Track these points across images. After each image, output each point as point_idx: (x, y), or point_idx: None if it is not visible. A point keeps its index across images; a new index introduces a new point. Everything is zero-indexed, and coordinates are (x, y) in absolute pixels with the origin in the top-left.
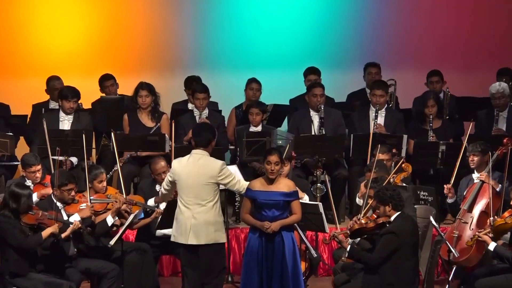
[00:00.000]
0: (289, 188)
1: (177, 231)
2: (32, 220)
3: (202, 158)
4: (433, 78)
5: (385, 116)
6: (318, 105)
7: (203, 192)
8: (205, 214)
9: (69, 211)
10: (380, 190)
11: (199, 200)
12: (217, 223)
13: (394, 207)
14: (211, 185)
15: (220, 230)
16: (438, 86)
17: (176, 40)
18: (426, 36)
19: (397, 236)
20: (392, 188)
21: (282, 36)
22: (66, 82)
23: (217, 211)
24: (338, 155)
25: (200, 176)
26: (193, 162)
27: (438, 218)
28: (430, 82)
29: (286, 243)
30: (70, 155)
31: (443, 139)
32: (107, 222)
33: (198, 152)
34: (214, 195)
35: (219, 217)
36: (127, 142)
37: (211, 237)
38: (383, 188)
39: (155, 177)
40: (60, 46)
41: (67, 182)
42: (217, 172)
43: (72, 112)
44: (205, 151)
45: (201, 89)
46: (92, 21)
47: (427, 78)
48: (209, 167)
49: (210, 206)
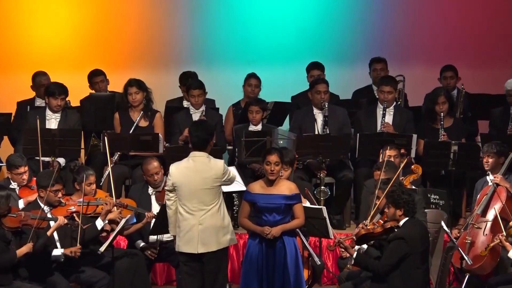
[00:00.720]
0: (290, 191)
1: (181, 240)
2: (15, 223)
3: (203, 160)
4: (447, 73)
5: (393, 114)
6: (322, 103)
7: (208, 196)
8: (211, 218)
9: (56, 214)
10: (395, 192)
11: (204, 205)
12: (225, 225)
13: (406, 213)
14: (216, 188)
15: (230, 232)
16: (452, 82)
17: (170, 33)
18: (436, 29)
19: (406, 242)
20: (408, 193)
21: (283, 28)
22: (53, 78)
23: (223, 213)
24: (343, 156)
25: (204, 180)
26: (194, 166)
27: (450, 223)
28: (443, 78)
29: (288, 250)
30: (58, 156)
31: (455, 139)
32: (96, 226)
33: (197, 155)
34: (218, 197)
35: (225, 219)
36: (118, 142)
37: (220, 242)
38: (400, 190)
39: (147, 179)
40: (46, 39)
41: (53, 182)
42: (221, 172)
43: (60, 110)
44: (204, 152)
45: (196, 85)
46: (81, 13)
47: (441, 74)
48: (212, 170)
49: (216, 209)
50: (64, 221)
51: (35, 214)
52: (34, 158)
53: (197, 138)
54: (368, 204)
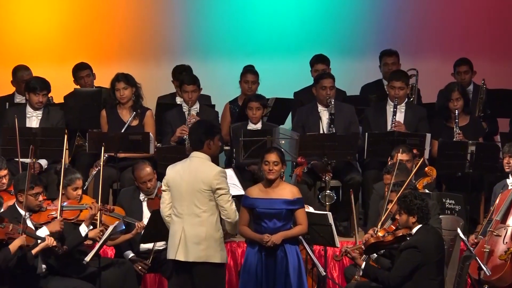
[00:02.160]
0: (293, 195)
1: (169, 243)
2: (1, 235)
3: (198, 161)
4: (461, 67)
5: (405, 112)
6: (328, 99)
7: (198, 200)
8: (197, 227)
9: (36, 220)
10: (407, 197)
11: (193, 211)
12: (211, 239)
13: (419, 220)
14: (206, 192)
15: (214, 247)
16: (466, 77)
17: (162, 22)
18: (451, 19)
19: (419, 251)
20: (421, 197)
21: (285, 17)
22: (35, 72)
23: (213, 226)
24: (351, 157)
25: (194, 181)
26: (188, 166)
27: (466, 230)
28: (457, 73)
29: (290, 259)
30: (39, 157)
31: (471, 138)
32: (80, 232)
33: (194, 155)
34: (210, 205)
35: (214, 232)
36: (105, 142)
37: (200, 255)
38: (412, 195)
39: (139, 185)
40: (27, 30)
41: (33, 185)
42: (212, 176)
43: (41, 107)
44: (202, 153)
45: (190, 80)
46: (65, 1)
47: (454, 68)
48: (204, 172)
49: (205, 218)
50: (52, 242)
51: (20, 228)
52: (13, 160)
53: (190, 138)
54: (378, 210)
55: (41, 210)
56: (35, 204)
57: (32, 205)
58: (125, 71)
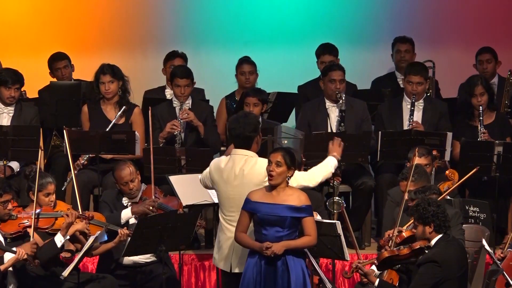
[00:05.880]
0: (300, 202)
1: (217, 252)
2: None
3: (247, 160)
4: (483, 56)
5: (423, 108)
6: (337, 94)
7: None
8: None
9: (4, 230)
10: (420, 205)
11: None
12: None
13: (437, 229)
14: None
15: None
16: (489, 67)
17: (149, 8)
18: (473, 4)
19: (439, 266)
20: (436, 203)
21: (288, 2)
22: (5, 63)
23: None
24: (362, 159)
25: (246, 184)
26: (237, 166)
27: (493, 242)
28: (479, 62)
29: (292, 273)
30: (10, 159)
31: (498, 138)
32: (55, 242)
33: (239, 153)
34: None
35: None
36: (85, 142)
37: None
38: (425, 202)
39: (121, 187)
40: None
41: (1, 192)
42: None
43: (13, 103)
44: (249, 151)
45: (183, 74)
46: None
47: (476, 57)
48: (255, 172)
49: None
50: (23, 255)
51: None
52: None
53: (239, 134)
54: (393, 218)
55: (11, 219)
56: (3, 213)
57: (1, 214)
58: (108, 62)
